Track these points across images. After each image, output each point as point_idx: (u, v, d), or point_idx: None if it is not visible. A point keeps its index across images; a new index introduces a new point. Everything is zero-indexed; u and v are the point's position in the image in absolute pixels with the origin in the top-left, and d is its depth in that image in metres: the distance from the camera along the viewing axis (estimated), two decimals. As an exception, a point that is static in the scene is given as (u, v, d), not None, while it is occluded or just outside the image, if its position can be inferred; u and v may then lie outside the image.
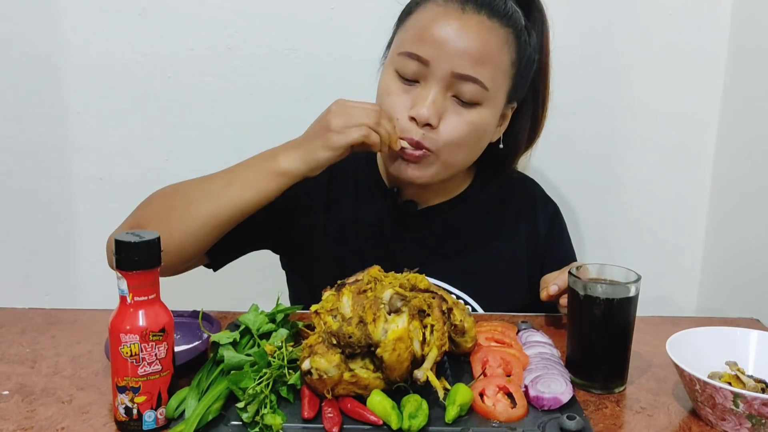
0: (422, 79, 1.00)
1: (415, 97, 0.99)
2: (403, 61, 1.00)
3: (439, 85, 0.98)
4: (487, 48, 0.98)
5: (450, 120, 0.99)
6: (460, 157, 1.04)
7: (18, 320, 1.03)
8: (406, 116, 1.00)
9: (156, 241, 0.72)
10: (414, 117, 0.98)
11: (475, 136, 1.02)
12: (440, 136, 0.99)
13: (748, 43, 1.37)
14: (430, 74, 0.98)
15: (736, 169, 1.41)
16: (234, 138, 1.44)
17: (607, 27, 1.42)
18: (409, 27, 1.03)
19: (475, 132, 1.02)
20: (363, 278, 0.82)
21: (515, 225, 1.17)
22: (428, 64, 0.98)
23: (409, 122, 0.99)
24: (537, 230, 1.18)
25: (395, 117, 1.00)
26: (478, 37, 0.98)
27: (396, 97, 1.01)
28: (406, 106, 1.00)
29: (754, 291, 1.30)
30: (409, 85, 1.01)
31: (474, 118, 1.00)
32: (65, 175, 1.44)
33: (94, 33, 1.38)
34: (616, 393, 0.85)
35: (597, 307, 0.83)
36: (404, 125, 0.99)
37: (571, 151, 1.47)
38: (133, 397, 0.72)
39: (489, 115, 1.02)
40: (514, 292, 1.14)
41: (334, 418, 0.74)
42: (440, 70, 0.98)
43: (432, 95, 0.98)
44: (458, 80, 0.98)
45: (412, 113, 0.98)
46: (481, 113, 1.01)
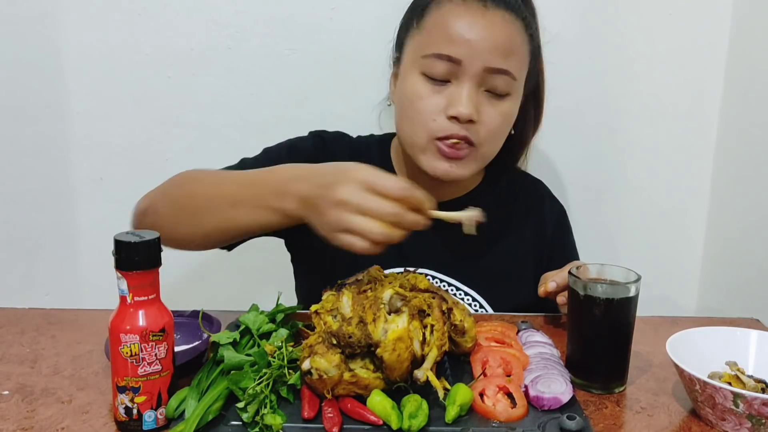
0: (453, 77, 1.01)
1: (450, 96, 1.01)
2: (432, 62, 1.01)
3: (472, 81, 1.01)
4: (514, 40, 1.02)
5: (486, 113, 1.02)
6: (494, 149, 1.07)
7: (18, 320, 1.03)
8: (443, 116, 1.01)
9: (156, 241, 0.72)
10: (455, 116, 1.00)
11: (506, 126, 1.07)
12: (481, 129, 1.02)
13: (748, 43, 1.37)
14: (462, 72, 1.00)
15: (736, 169, 1.41)
16: (234, 138, 1.44)
17: (606, 27, 1.42)
18: (431, 28, 1.03)
19: (507, 122, 1.06)
20: (363, 278, 0.82)
21: (523, 224, 1.19)
22: (460, 62, 1.00)
23: (449, 122, 1.01)
24: (544, 230, 1.20)
25: (432, 119, 1.01)
26: (505, 31, 1.01)
27: (428, 100, 1.02)
28: (441, 107, 1.01)
29: (754, 291, 1.30)
30: (440, 85, 1.02)
31: (506, 108, 1.04)
32: (65, 175, 1.44)
33: (94, 33, 1.38)
34: (616, 393, 0.85)
35: (597, 307, 0.83)
36: (444, 125, 1.01)
37: (570, 151, 1.47)
38: (133, 397, 0.72)
39: (516, 104, 1.07)
40: (521, 290, 1.15)
41: (334, 418, 0.74)
42: (473, 67, 1.00)
43: (467, 92, 1.00)
44: (490, 74, 1.01)
45: (452, 112, 1.00)
46: (511, 103, 1.05)
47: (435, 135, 1.02)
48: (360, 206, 0.76)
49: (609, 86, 1.45)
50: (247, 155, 1.22)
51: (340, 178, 0.79)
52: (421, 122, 1.03)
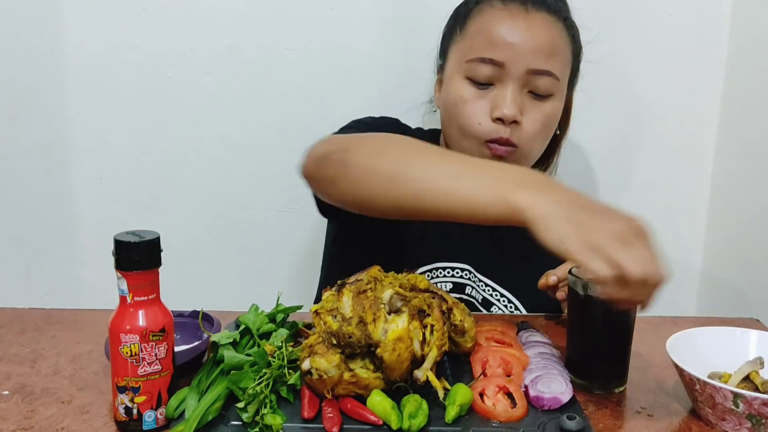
0: (497, 81, 1.03)
1: (494, 99, 1.03)
2: (475, 66, 1.03)
3: (515, 83, 1.02)
4: (556, 41, 1.04)
5: (530, 114, 1.04)
6: (537, 149, 1.09)
7: (18, 320, 1.03)
8: (488, 119, 1.03)
9: (156, 241, 0.72)
10: (500, 117, 1.02)
11: (550, 126, 1.08)
12: (524, 130, 1.04)
13: (748, 42, 1.37)
14: (505, 75, 1.02)
15: (736, 169, 1.41)
16: (234, 138, 1.44)
17: (606, 27, 1.42)
18: (474, 33, 1.05)
19: (551, 122, 1.07)
20: (363, 278, 0.82)
21: None
22: (503, 65, 1.02)
23: (494, 124, 1.03)
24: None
25: (477, 122, 1.03)
26: (547, 33, 1.03)
27: (473, 103, 1.04)
28: (486, 109, 1.03)
29: (754, 291, 1.30)
30: (483, 89, 1.04)
31: (549, 109, 1.06)
32: (65, 175, 1.44)
33: (94, 33, 1.37)
34: (616, 393, 0.85)
35: (597, 307, 0.83)
36: (489, 127, 1.03)
37: (570, 151, 1.47)
38: (133, 397, 0.72)
39: (559, 104, 1.08)
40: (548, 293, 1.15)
41: (334, 418, 0.74)
42: (516, 69, 1.02)
43: (511, 94, 1.02)
44: (534, 76, 1.02)
45: (497, 114, 1.02)
46: (554, 104, 1.07)
47: (484, 138, 1.03)
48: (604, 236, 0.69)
49: (609, 86, 1.45)
50: (248, 155, 1.22)
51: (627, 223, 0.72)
52: (469, 126, 1.04)
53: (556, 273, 1.01)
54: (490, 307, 1.14)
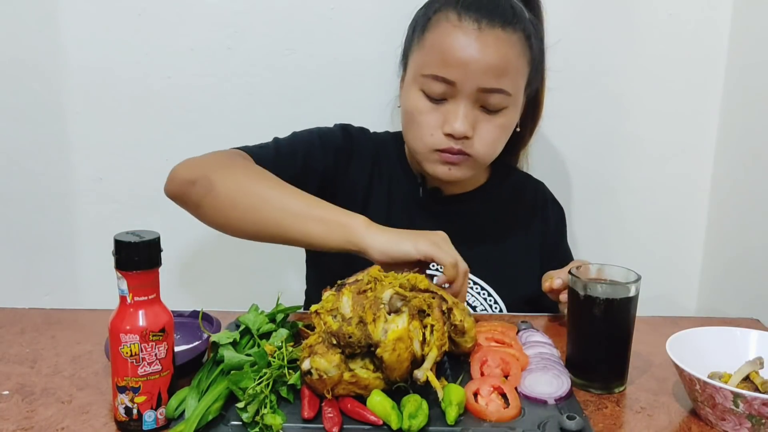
0: (450, 96, 1.06)
1: (446, 113, 1.06)
2: (429, 82, 1.06)
3: (467, 100, 1.05)
4: (507, 59, 1.04)
5: (482, 128, 1.07)
6: (493, 156, 1.12)
7: (18, 320, 1.03)
8: (440, 131, 1.06)
9: (156, 241, 0.72)
10: (451, 133, 1.05)
11: (504, 135, 1.11)
12: (476, 144, 1.07)
13: (748, 43, 1.37)
14: (457, 92, 1.05)
15: (736, 169, 1.41)
16: (234, 138, 1.43)
17: (606, 27, 1.42)
18: (429, 48, 1.07)
19: (505, 132, 1.11)
20: (363, 278, 0.82)
21: (529, 220, 1.25)
22: (455, 84, 1.04)
23: (445, 137, 1.06)
24: (548, 228, 1.26)
25: (430, 133, 1.07)
26: (498, 52, 1.03)
27: (427, 116, 1.07)
28: (439, 123, 1.07)
29: (754, 291, 1.30)
30: (437, 103, 1.07)
31: (502, 122, 1.08)
32: (65, 175, 1.44)
33: (94, 33, 1.37)
34: (616, 393, 0.85)
35: (597, 307, 0.83)
36: (440, 139, 1.07)
37: (570, 151, 1.47)
38: (133, 397, 0.72)
39: (514, 113, 1.10)
40: (528, 283, 1.18)
41: (334, 418, 0.74)
42: (467, 88, 1.04)
43: (462, 111, 1.05)
44: (485, 93, 1.05)
45: (448, 130, 1.05)
46: (508, 115, 1.09)
47: (433, 147, 1.08)
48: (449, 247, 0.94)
49: (609, 86, 1.45)
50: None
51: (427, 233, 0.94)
52: (421, 136, 1.08)
53: (560, 277, 1.02)
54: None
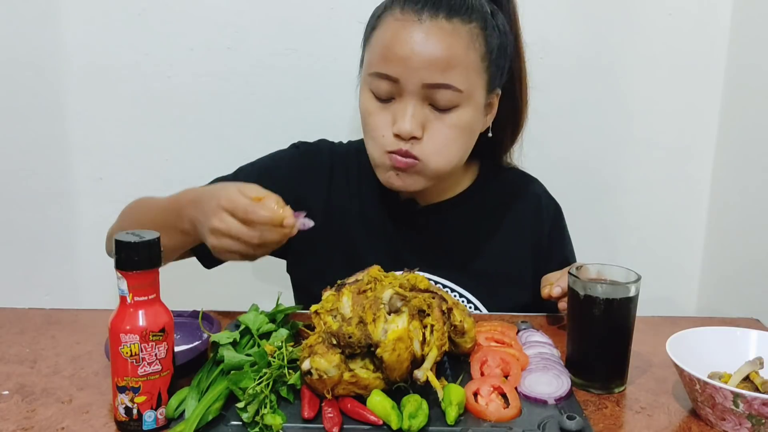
0: (396, 95, 1.00)
1: (395, 113, 1.01)
2: (375, 81, 1.01)
3: (414, 98, 0.99)
4: (452, 52, 0.98)
5: (433, 128, 1.01)
6: (450, 160, 1.04)
7: (18, 320, 1.03)
8: (390, 133, 1.01)
9: (156, 241, 0.72)
10: (397, 133, 1.00)
11: (460, 136, 1.03)
12: (427, 145, 1.01)
13: (748, 43, 1.37)
14: (402, 90, 0.99)
15: (736, 169, 1.41)
16: (234, 138, 1.44)
17: (606, 27, 1.42)
18: (374, 45, 1.03)
19: (460, 133, 1.02)
20: (363, 278, 0.82)
21: (520, 224, 1.18)
22: (398, 81, 0.99)
23: (394, 138, 1.01)
24: (541, 229, 1.19)
25: (381, 134, 1.02)
26: (441, 44, 0.97)
27: (376, 117, 1.02)
28: (388, 123, 1.01)
29: (754, 291, 1.30)
30: (387, 102, 1.02)
31: (455, 121, 1.01)
32: (65, 175, 1.44)
33: (94, 33, 1.38)
34: (616, 393, 0.85)
35: (597, 307, 0.83)
36: (391, 141, 1.01)
37: (570, 151, 1.47)
38: (133, 397, 0.72)
39: (470, 112, 1.02)
40: (517, 291, 1.14)
41: (334, 418, 0.74)
42: (411, 84, 0.98)
43: (410, 109, 0.99)
44: (431, 89, 0.98)
45: (395, 130, 1.00)
46: (462, 114, 1.01)
47: (385, 149, 1.02)
48: (227, 232, 0.87)
49: (609, 86, 1.45)
50: (248, 155, 1.22)
51: (212, 207, 0.89)
52: (373, 138, 1.04)
53: (559, 284, 0.99)
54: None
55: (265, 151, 1.37)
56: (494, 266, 1.15)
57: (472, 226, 1.16)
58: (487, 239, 1.16)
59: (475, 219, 1.16)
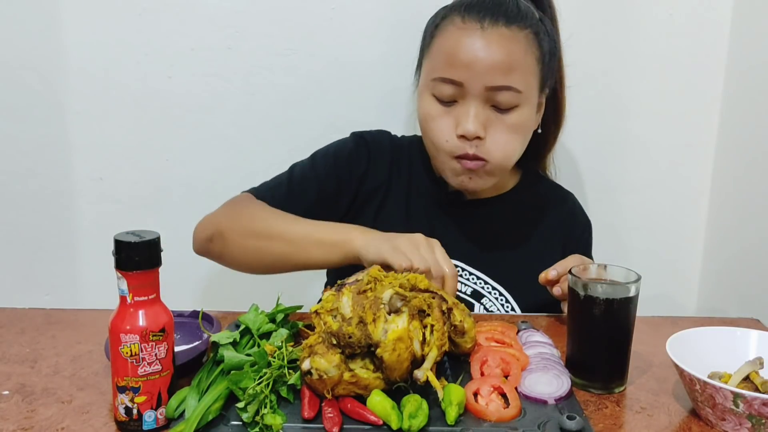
0: (459, 98, 1.07)
1: (458, 116, 1.06)
2: (438, 86, 1.07)
3: (476, 100, 1.05)
4: (513, 56, 1.04)
5: (495, 128, 1.07)
6: (512, 156, 1.11)
7: (18, 320, 1.03)
8: (454, 136, 1.07)
9: (156, 241, 0.72)
10: (463, 135, 1.05)
11: (520, 135, 1.10)
12: (490, 145, 1.07)
13: (748, 43, 1.37)
14: (466, 93, 1.05)
15: (736, 169, 1.41)
16: (234, 138, 1.44)
17: (607, 27, 1.42)
18: (436, 52, 1.09)
19: (519, 131, 1.09)
20: (363, 278, 0.82)
21: (554, 230, 1.24)
22: (462, 85, 1.05)
23: (459, 140, 1.06)
24: (572, 240, 1.24)
25: (445, 139, 1.07)
26: (503, 49, 1.04)
27: (439, 121, 1.08)
28: (451, 127, 1.07)
29: (754, 291, 1.30)
30: (448, 106, 1.08)
31: (515, 120, 1.07)
32: (65, 175, 1.44)
33: (94, 33, 1.37)
34: (616, 393, 0.85)
35: (597, 307, 0.83)
36: (455, 144, 1.07)
37: (570, 151, 1.47)
38: (133, 397, 0.72)
39: (528, 112, 1.09)
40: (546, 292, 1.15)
41: (334, 418, 0.74)
42: (475, 88, 1.04)
43: (473, 111, 1.05)
44: (493, 92, 1.05)
45: (460, 131, 1.06)
46: (521, 113, 1.08)
47: (452, 155, 1.08)
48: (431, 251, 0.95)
49: (609, 86, 1.45)
50: (248, 155, 1.22)
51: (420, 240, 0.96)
52: (437, 143, 1.09)
53: (555, 268, 1.03)
54: (481, 298, 1.15)
55: (264, 151, 1.38)
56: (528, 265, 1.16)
57: (511, 224, 1.22)
58: (523, 240, 1.22)
59: (514, 218, 1.22)
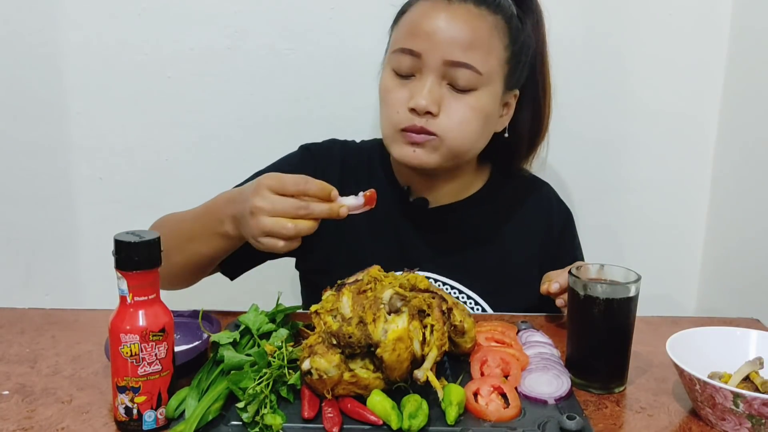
0: (417, 71, 1.03)
1: (413, 89, 1.03)
2: (398, 57, 1.04)
3: (433, 74, 1.01)
4: (476, 34, 1.01)
5: (449, 106, 1.02)
6: (466, 139, 1.05)
7: (18, 320, 1.03)
8: (405, 109, 1.03)
9: (156, 241, 0.72)
10: (414, 108, 1.01)
11: (475, 120, 1.04)
12: (442, 121, 1.02)
13: (748, 43, 1.37)
14: (423, 66, 1.02)
15: (736, 169, 1.41)
16: (234, 138, 1.44)
17: (607, 27, 1.42)
18: (402, 25, 1.07)
19: (475, 116, 1.04)
20: (363, 278, 0.82)
21: (530, 227, 1.19)
22: (420, 56, 1.01)
23: (410, 113, 1.02)
24: (551, 234, 1.19)
25: (396, 111, 1.03)
26: (466, 24, 1.01)
27: (394, 93, 1.04)
28: (404, 100, 1.03)
29: (754, 291, 1.30)
30: (406, 80, 1.04)
31: (472, 102, 1.03)
32: (65, 175, 1.44)
33: (94, 33, 1.38)
34: (616, 393, 0.85)
35: (597, 307, 0.83)
36: (405, 116, 1.03)
37: (570, 151, 1.47)
38: (133, 397, 0.72)
39: (487, 99, 1.04)
40: (524, 294, 1.14)
41: (334, 418, 0.74)
42: (433, 60, 1.01)
43: (428, 85, 1.01)
44: (451, 68, 1.01)
45: (411, 104, 1.01)
46: (479, 97, 1.03)
47: (398, 126, 1.03)
48: (270, 209, 0.86)
49: (609, 86, 1.45)
50: (248, 155, 1.22)
51: (252, 189, 0.88)
52: (388, 115, 1.05)
53: (558, 281, 0.99)
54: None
55: (264, 151, 1.37)
56: (502, 268, 1.15)
57: (481, 228, 1.17)
58: (496, 242, 1.17)
59: (484, 221, 1.17)
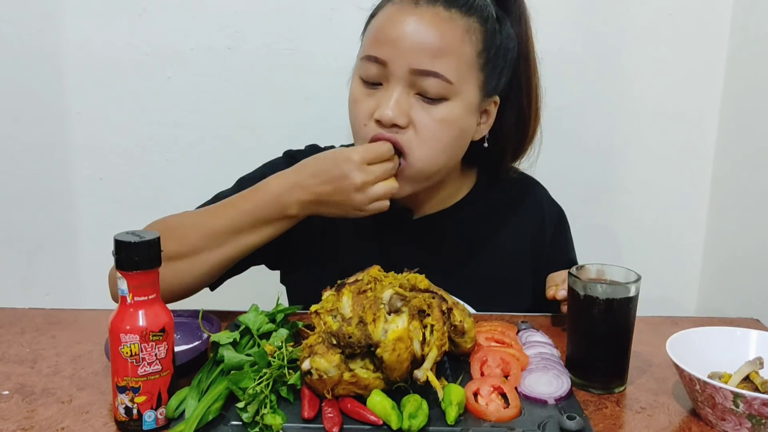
0: (384, 80, 0.96)
1: (379, 99, 0.96)
2: (365, 65, 0.98)
3: (401, 84, 0.95)
4: (445, 40, 0.94)
5: (419, 120, 0.95)
6: (436, 162, 0.99)
7: (18, 320, 1.03)
8: (372, 121, 0.96)
9: (156, 241, 0.72)
10: (378, 119, 0.95)
11: (447, 135, 0.97)
12: (410, 137, 0.96)
13: (748, 42, 1.37)
14: (390, 74, 0.95)
15: (736, 169, 1.41)
16: (234, 138, 1.44)
17: (607, 27, 1.42)
18: (369, 31, 1.00)
19: (446, 130, 0.97)
20: (363, 278, 0.82)
21: (521, 229, 1.14)
22: (386, 64, 0.95)
23: (376, 126, 0.96)
24: (543, 235, 1.15)
25: (363, 123, 0.98)
26: (434, 30, 0.94)
27: (361, 104, 0.98)
28: (370, 111, 0.97)
29: (754, 291, 1.30)
30: (374, 89, 0.98)
31: (443, 114, 0.96)
32: (65, 175, 1.44)
33: (95, 33, 1.38)
34: (616, 393, 0.85)
35: (597, 307, 0.83)
36: (372, 129, 0.96)
37: (570, 151, 1.47)
38: (133, 397, 0.72)
39: (460, 109, 0.97)
40: (516, 298, 1.12)
41: (334, 418, 0.74)
42: (399, 68, 0.94)
43: (395, 95, 0.95)
44: (419, 76, 0.94)
45: (376, 116, 0.95)
46: (451, 108, 0.96)
47: (365, 140, 0.97)
48: (374, 179, 0.92)
49: (609, 86, 1.45)
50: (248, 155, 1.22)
51: (344, 170, 0.92)
52: (356, 129, 1.00)
53: (564, 287, 0.95)
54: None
55: (263, 151, 1.37)
56: (492, 275, 1.11)
57: (468, 236, 1.12)
58: (486, 248, 1.12)
59: (472, 228, 1.12)
